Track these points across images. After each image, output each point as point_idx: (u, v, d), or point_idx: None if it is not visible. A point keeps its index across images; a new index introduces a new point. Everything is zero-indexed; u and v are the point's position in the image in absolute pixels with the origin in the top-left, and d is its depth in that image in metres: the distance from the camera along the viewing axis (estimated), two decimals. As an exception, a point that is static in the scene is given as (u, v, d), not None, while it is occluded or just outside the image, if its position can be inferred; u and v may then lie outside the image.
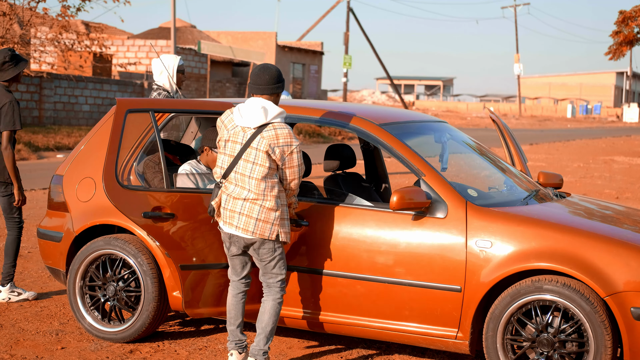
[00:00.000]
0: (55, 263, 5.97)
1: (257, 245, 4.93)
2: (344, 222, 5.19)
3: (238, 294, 5.13)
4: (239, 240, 4.97)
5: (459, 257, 4.90)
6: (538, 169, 18.71)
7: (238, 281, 5.12)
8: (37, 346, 5.51)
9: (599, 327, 4.61)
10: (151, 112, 5.41)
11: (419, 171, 5.12)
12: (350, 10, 46.15)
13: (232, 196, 4.91)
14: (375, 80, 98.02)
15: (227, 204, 4.95)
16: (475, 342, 5.01)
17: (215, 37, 46.24)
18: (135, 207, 5.29)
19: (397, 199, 4.92)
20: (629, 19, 30.35)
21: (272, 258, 4.97)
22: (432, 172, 5.10)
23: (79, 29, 29.87)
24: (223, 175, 4.96)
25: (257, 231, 4.88)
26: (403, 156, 5.21)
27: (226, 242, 5.04)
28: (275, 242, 4.95)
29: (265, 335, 5.00)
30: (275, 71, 4.97)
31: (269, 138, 4.84)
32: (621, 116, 69.10)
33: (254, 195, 4.87)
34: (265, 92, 4.93)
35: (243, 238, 4.94)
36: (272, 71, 4.95)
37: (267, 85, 4.92)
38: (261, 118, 4.86)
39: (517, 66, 65.67)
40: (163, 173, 5.36)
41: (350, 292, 5.17)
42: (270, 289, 5.04)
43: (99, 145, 5.83)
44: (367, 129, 5.37)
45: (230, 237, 4.99)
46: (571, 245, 4.75)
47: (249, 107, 4.90)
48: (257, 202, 4.86)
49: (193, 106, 5.73)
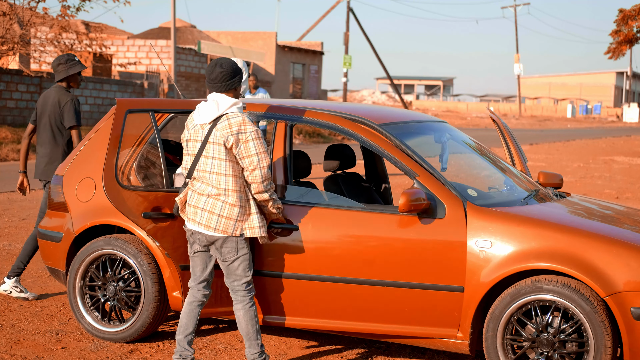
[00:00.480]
0: (55, 263, 5.97)
1: (220, 243, 4.82)
2: (341, 224, 5.14)
3: (193, 302, 4.99)
4: (200, 238, 4.87)
5: (458, 257, 4.90)
6: (538, 169, 18.71)
7: (196, 286, 4.99)
8: (37, 346, 5.51)
9: (599, 327, 4.61)
10: (151, 112, 5.41)
11: (413, 172, 5.09)
12: (350, 10, 46.14)
13: (197, 192, 4.85)
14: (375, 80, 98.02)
15: (191, 199, 4.88)
16: (475, 342, 5.01)
17: (215, 37, 46.23)
18: (135, 207, 5.29)
19: (405, 201, 4.86)
20: (629, 18, 30.31)
21: (236, 258, 4.84)
22: (431, 173, 5.08)
23: (79, 29, 29.86)
24: (187, 174, 4.90)
25: (219, 227, 4.78)
26: (406, 157, 5.18)
27: (189, 239, 4.97)
28: (239, 241, 4.84)
29: (251, 339, 4.91)
30: (228, 67, 4.84)
31: (222, 129, 4.76)
32: (621, 116, 69.09)
33: (215, 191, 4.78)
34: (220, 89, 4.84)
35: (205, 235, 4.84)
36: (225, 67, 4.83)
37: (221, 82, 4.83)
38: (214, 111, 4.79)
39: (517, 66, 65.67)
40: (163, 173, 5.36)
41: (349, 295, 5.14)
42: (236, 294, 4.90)
43: (98, 146, 5.82)
44: (367, 129, 5.34)
45: (192, 234, 4.91)
46: (571, 245, 4.75)
47: (204, 104, 4.87)
48: (220, 198, 4.78)
49: (193, 106, 5.73)
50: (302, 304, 5.23)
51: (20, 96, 23.83)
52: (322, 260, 5.15)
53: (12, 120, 23.51)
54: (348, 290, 5.11)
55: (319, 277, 5.15)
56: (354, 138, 5.32)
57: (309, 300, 5.21)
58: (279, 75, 45.13)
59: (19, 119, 23.81)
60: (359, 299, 5.10)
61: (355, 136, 5.28)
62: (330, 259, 5.14)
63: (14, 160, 18.37)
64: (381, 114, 5.70)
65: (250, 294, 4.92)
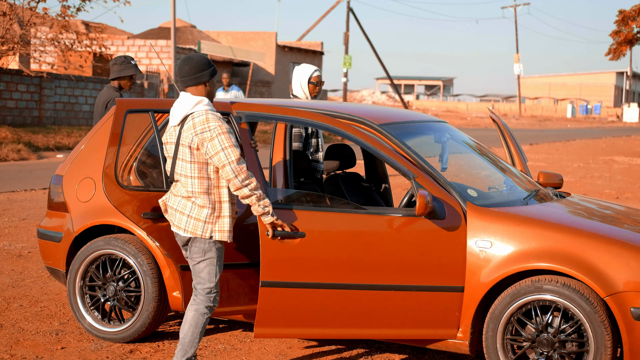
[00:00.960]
0: (55, 263, 5.97)
1: (190, 243, 4.77)
2: (339, 227, 5.01)
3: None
4: (178, 239, 4.85)
5: (458, 258, 4.89)
6: (538, 169, 18.71)
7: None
8: (37, 346, 5.51)
9: (599, 327, 4.61)
10: (151, 112, 5.41)
11: (410, 173, 5.02)
12: (350, 10, 46.14)
13: (173, 194, 4.82)
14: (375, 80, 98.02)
15: (169, 201, 4.85)
16: (475, 343, 5.01)
17: (215, 37, 46.23)
18: (134, 207, 5.29)
19: (421, 203, 4.74)
20: (629, 19, 30.31)
21: (202, 259, 4.74)
22: (430, 173, 5.06)
23: (79, 29, 29.86)
24: (170, 177, 4.84)
25: (188, 228, 4.71)
26: (402, 158, 5.16)
27: (178, 242, 4.95)
28: (209, 243, 4.74)
29: (184, 347, 4.74)
30: (197, 60, 4.70)
31: (187, 130, 4.66)
32: (621, 116, 69.09)
33: (187, 193, 4.72)
34: (189, 83, 4.72)
35: (180, 236, 4.81)
36: (194, 61, 4.72)
37: (190, 75, 4.70)
38: (181, 112, 4.71)
39: (517, 66, 65.68)
40: (163, 173, 5.36)
41: (351, 298, 5.08)
42: (196, 296, 4.78)
43: (98, 146, 5.82)
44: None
45: (175, 235, 4.89)
46: (571, 245, 4.75)
47: (175, 104, 4.80)
48: (190, 199, 4.73)
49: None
50: (301, 311, 5.03)
51: (20, 96, 23.83)
52: (320, 264, 4.99)
53: (12, 120, 23.51)
54: (346, 294, 4.99)
55: (318, 284, 4.97)
56: (353, 141, 5.21)
57: (307, 307, 5.02)
58: (279, 75, 45.14)
59: (19, 119, 23.80)
60: (358, 302, 5.01)
61: (353, 138, 5.15)
62: (328, 261, 4.99)
63: (14, 160, 18.37)
64: (381, 114, 5.68)
65: (210, 303, 4.75)
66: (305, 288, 4.95)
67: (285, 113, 5.26)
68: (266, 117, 5.24)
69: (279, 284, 4.92)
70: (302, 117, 5.19)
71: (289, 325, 5.01)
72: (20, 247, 8.54)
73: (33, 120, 24.46)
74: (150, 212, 5.30)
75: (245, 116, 5.19)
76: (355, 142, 5.14)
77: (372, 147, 5.08)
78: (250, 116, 5.22)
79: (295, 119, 5.22)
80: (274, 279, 4.90)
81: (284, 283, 4.93)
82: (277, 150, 5.65)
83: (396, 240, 4.98)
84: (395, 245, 4.97)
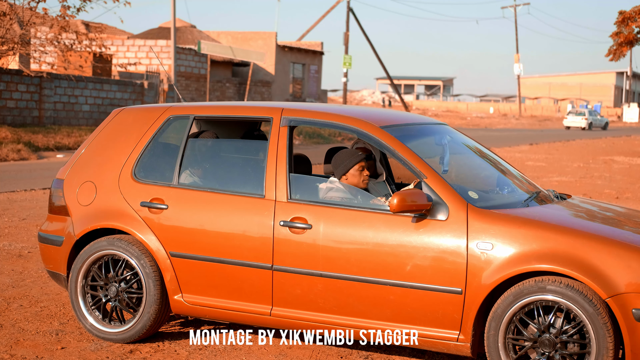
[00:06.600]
0: (56, 267, 5.96)
1: None
2: (344, 224, 5.14)
3: None
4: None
5: (460, 259, 4.89)
6: (538, 169, 18.72)
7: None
8: (37, 346, 5.51)
9: (601, 329, 4.61)
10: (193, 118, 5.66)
11: (421, 173, 5.09)
12: (350, 10, 46.14)
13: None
14: (375, 80, 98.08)
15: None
16: (477, 345, 5.01)
17: (215, 37, 46.22)
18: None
19: (398, 201, 4.90)
20: (629, 20, 30.32)
21: None
22: (433, 174, 5.08)
23: (79, 29, 29.87)
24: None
25: None
26: (405, 158, 5.18)
27: None
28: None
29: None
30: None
31: None
32: (621, 116, 69.11)
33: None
34: None
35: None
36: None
37: None
38: None
39: (517, 66, 65.72)
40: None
41: (352, 294, 5.13)
42: None
43: (100, 149, 5.82)
44: (369, 131, 5.34)
45: None
46: (572, 247, 4.75)
47: None
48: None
49: (230, 112, 5.84)
50: (306, 300, 5.21)
51: (20, 96, 23.83)
52: (323, 260, 5.14)
53: (12, 120, 23.51)
54: (348, 288, 5.08)
55: (320, 273, 5.13)
56: (363, 137, 5.31)
57: (310, 298, 5.20)
58: (279, 75, 45.13)
59: (19, 119, 23.80)
60: (359, 301, 5.08)
61: (365, 135, 5.29)
62: (332, 258, 5.12)
63: (14, 160, 18.37)
64: (381, 117, 5.69)
65: None
66: (309, 275, 5.02)
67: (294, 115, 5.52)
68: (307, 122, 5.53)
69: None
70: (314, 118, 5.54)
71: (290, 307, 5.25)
72: (20, 247, 8.54)
73: (33, 120, 24.46)
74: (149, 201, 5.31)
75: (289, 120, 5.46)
76: (368, 140, 5.32)
77: (385, 144, 5.26)
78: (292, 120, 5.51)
79: (307, 120, 5.56)
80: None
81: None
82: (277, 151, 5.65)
83: (395, 239, 5.00)
84: (395, 244, 4.99)
